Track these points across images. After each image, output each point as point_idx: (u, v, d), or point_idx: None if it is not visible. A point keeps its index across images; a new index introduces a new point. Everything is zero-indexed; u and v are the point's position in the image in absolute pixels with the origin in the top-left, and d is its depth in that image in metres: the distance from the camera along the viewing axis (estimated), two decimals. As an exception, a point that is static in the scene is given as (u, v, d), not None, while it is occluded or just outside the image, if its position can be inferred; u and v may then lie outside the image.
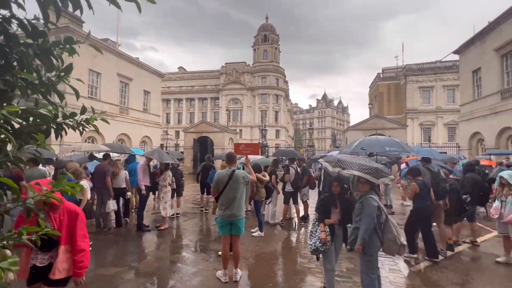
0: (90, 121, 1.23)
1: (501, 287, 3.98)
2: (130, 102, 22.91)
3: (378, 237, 3.15)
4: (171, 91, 60.91)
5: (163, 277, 4.19)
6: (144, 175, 6.71)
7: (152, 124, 25.89)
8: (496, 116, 16.43)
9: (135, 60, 23.89)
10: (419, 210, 4.85)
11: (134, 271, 4.38)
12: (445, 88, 36.53)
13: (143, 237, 6.16)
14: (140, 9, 1.11)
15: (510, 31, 15.35)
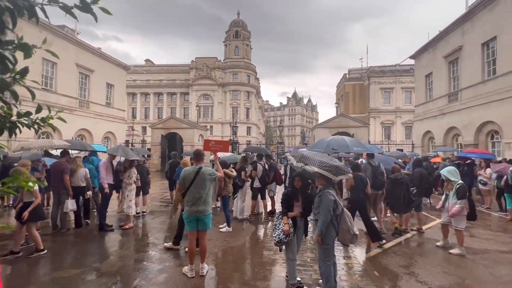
0: (46, 120, 1.22)
1: (438, 267, 4.54)
2: (91, 95, 21.43)
3: (334, 228, 3.44)
4: (137, 84, 57.96)
5: (127, 276, 4.11)
6: (107, 173, 6.42)
7: (116, 119, 24.51)
8: (444, 117, 18.26)
9: (96, 50, 22.34)
10: (352, 200, 5.60)
11: (96, 272, 4.23)
12: (404, 90, 39.55)
13: (105, 237, 5.92)
14: (97, 19, 1.13)
15: (457, 40, 17.10)
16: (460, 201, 4.97)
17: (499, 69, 13.90)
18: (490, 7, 14.31)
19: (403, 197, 5.95)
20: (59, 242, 5.55)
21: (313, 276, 4.10)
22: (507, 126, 13.24)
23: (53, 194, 6.22)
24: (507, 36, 13.27)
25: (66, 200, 6.04)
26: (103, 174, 6.35)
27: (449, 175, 5.20)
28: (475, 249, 5.33)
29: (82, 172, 6.59)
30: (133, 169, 6.72)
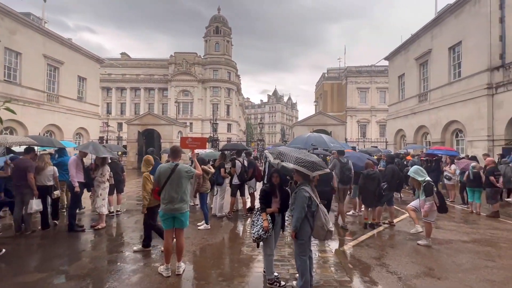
0: None
1: (407, 257, 4.80)
2: (61, 89, 20.17)
3: (309, 224, 3.49)
4: (112, 79, 55.42)
5: (98, 278, 3.94)
6: (77, 171, 6.10)
7: (89, 115, 23.31)
8: (415, 116, 19.29)
9: (66, 41, 21.02)
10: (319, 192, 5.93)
11: (64, 275, 4.01)
12: (378, 90, 41.26)
13: (76, 238, 5.63)
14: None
15: (427, 43, 18.08)
16: (428, 198, 5.28)
17: (464, 72, 14.91)
18: (456, 14, 15.26)
19: (374, 192, 6.23)
20: (23, 245, 5.20)
21: (290, 271, 4.17)
22: (469, 125, 14.26)
23: (16, 193, 5.79)
24: (471, 41, 14.24)
25: (31, 200, 5.66)
26: (73, 172, 6.02)
27: (416, 176, 5.49)
28: (440, 240, 5.71)
29: (50, 171, 6.21)
30: (105, 166, 6.43)
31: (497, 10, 13.03)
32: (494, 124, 12.92)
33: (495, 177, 7.62)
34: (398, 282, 3.94)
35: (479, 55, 13.69)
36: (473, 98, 13.84)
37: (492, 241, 5.71)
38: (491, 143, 12.98)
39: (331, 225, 3.53)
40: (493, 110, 12.99)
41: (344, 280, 3.93)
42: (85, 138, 23.00)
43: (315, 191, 3.71)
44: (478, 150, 13.38)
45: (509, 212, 8.35)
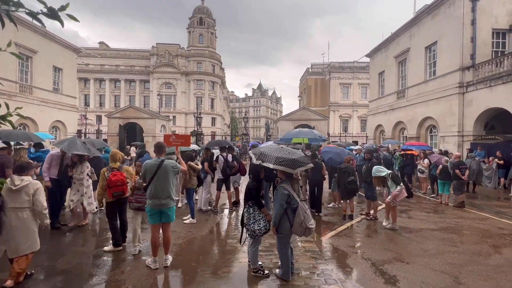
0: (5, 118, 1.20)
1: (380, 245, 5.20)
2: (34, 80, 19.16)
3: (289, 220, 3.68)
4: (90, 69, 53.02)
5: (84, 272, 3.99)
6: (52, 166, 5.91)
7: (66, 107, 22.34)
8: (393, 112, 20.14)
9: (40, 28, 19.84)
10: (311, 180, 7.34)
11: (46, 271, 4.02)
12: (360, 86, 42.37)
13: (58, 235, 5.57)
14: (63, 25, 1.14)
15: (405, 42, 18.80)
16: (400, 185, 5.78)
17: (438, 71, 15.72)
18: (433, 14, 15.97)
19: (345, 185, 6.65)
20: None
21: (274, 260, 4.42)
22: (442, 121, 15.15)
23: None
24: (445, 42, 15.01)
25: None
26: (45, 166, 5.84)
27: (379, 173, 6.03)
28: (411, 228, 6.19)
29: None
30: (84, 163, 6.23)
31: (469, 12, 13.79)
32: (464, 121, 13.82)
33: (461, 171, 8.26)
34: (372, 267, 4.29)
35: (452, 55, 14.49)
36: (446, 96, 14.68)
37: (457, 229, 6.27)
38: (461, 138, 13.90)
39: (311, 223, 3.68)
40: (464, 107, 13.87)
41: (323, 268, 4.23)
42: (62, 132, 22.08)
43: (297, 188, 3.91)
44: (449, 145, 14.31)
45: (474, 202, 9.09)
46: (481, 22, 13.76)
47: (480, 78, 13.04)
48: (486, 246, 5.22)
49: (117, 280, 3.77)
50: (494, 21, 13.94)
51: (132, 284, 3.65)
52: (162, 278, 3.88)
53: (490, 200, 9.55)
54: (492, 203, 9.05)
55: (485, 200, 9.52)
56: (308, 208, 3.88)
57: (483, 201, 9.42)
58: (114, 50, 58.09)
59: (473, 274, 4.09)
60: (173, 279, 3.89)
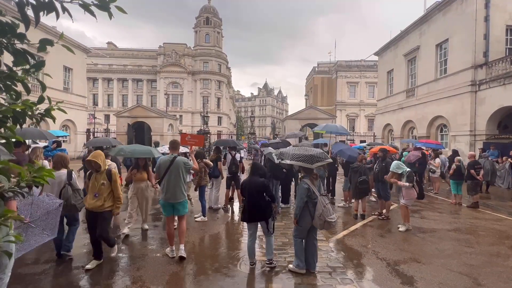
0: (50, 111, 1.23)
1: (394, 245, 5.13)
2: (46, 79, 19.38)
3: (310, 213, 3.79)
4: (98, 69, 53.70)
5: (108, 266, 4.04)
6: None
7: (76, 106, 22.68)
8: (402, 111, 19.87)
9: (51, 29, 20.21)
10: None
11: (68, 265, 4.08)
12: (367, 84, 41.95)
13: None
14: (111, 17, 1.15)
15: (415, 40, 18.51)
16: (409, 184, 5.71)
17: (449, 69, 15.43)
18: (444, 11, 15.68)
19: (356, 184, 6.57)
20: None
21: (287, 259, 4.40)
22: (453, 120, 14.87)
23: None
24: (457, 39, 14.72)
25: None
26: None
27: (397, 170, 5.89)
28: (425, 229, 6.09)
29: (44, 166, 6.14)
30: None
31: (482, 9, 13.49)
32: (476, 120, 13.54)
33: (476, 171, 8.09)
34: (387, 267, 4.24)
35: (464, 53, 14.20)
36: (458, 94, 14.41)
37: (472, 230, 6.15)
38: (473, 137, 13.63)
39: (331, 216, 3.74)
40: (476, 106, 13.59)
41: (338, 266, 4.20)
42: (72, 131, 22.45)
43: (318, 183, 3.97)
44: (461, 144, 14.04)
45: (488, 203, 8.91)
46: (495, 18, 13.44)
47: (493, 76, 12.75)
48: (504, 248, 5.10)
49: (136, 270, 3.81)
50: (508, 17, 13.60)
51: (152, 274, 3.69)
52: (177, 273, 3.91)
53: (504, 201, 9.35)
54: (507, 204, 8.86)
55: (499, 201, 9.32)
56: (329, 203, 3.87)
57: (497, 201, 9.23)
58: (122, 50, 58.75)
59: (493, 275, 4.01)
60: (187, 278, 3.90)
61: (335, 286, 3.64)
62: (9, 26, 1.06)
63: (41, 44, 1.16)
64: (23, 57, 1.11)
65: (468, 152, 11.13)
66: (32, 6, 1.06)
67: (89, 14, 1.12)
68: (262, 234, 4.38)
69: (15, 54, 1.11)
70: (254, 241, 4.12)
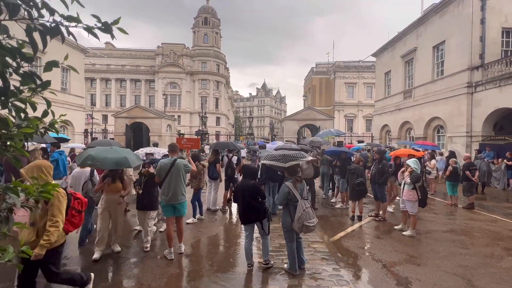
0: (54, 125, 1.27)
1: (390, 247, 5.19)
2: (43, 80, 19.42)
3: (290, 215, 3.92)
4: (96, 69, 53.59)
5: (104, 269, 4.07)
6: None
7: (74, 107, 22.61)
8: (400, 112, 19.99)
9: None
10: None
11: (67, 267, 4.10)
12: (365, 85, 42.09)
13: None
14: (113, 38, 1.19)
15: (412, 42, 18.64)
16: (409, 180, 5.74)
17: (446, 70, 15.55)
18: (441, 13, 15.80)
19: (353, 186, 6.62)
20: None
21: (284, 260, 4.44)
22: (450, 121, 14.99)
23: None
24: (454, 41, 14.84)
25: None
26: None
27: (415, 165, 5.84)
28: (421, 230, 6.15)
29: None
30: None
31: (478, 11, 13.61)
32: (473, 121, 13.66)
33: (471, 172, 8.18)
34: (383, 268, 4.30)
35: (460, 55, 14.32)
36: (454, 96, 14.52)
37: (467, 231, 6.22)
38: (469, 139, 13.75)
39: (310, 221, 3.79)
40: (472, 107, 13.71)
41: (334, 268, 4.25)
42: (70, 131, 22.38)
43: (301, 186, 4.03)
44: (457, 145, 14.16)
45: (483, 204, 9.00)
46: (491, 21, 13.57)
47: (489, 78, 12.87)
48: (498, 249, 5.18)
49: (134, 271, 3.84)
50: (504, 19, 13.74)
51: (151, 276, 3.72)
52: (175, 275, 3.94)
53: (499, 202, 9.45)
54: (502, 205, 8.96)
55: (495, 202, 9.42)
56: (311, 206, 3.94)
57: (492, 202, 9.33)
58: (120, 50, 58.59)
59: (486, 276, 4.07)
60: (185, 280, 3.94)
61: (331, 287, 3.69)
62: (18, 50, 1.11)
63: (47, 66, 1.20)
64: (30, 78, 1.16)
65: (464, 153, 11.23)
66: (40, 32, 1.11)
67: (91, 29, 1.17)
68: (258, 235, 4.45)
69: (23, 76, 1.16)
70: (251, 242, 4.18)
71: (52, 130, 1.31)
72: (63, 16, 1.12)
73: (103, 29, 1.14)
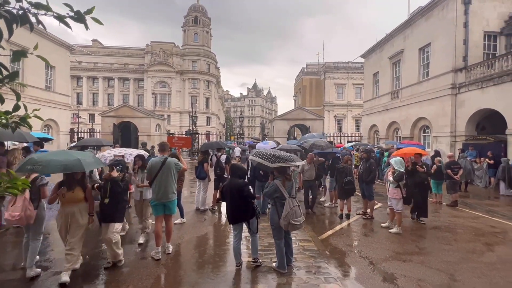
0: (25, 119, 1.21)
1: (377, 244, 5.29)
2: (27, 78, 18.81)
3: (277, 213, 3.95)
4: (82, 67, 52.23)
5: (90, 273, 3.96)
6: None
7: (59, 105, 22.00)
8: (387, 112, 20.40)
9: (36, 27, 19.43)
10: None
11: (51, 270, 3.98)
12: (354, 86, 42.75)
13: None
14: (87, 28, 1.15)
15: (399, 43, 19.05)
16: (392, 179, 5.89)
17: (431, 72, 15.99)
18: (427, 17, 16.23)
19: (342, 185, 6.72)
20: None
21: (273, 259, 4.45)
22: (435, 122, 15.42)
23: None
24: (439, 43, 15.27)
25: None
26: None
27: (395, 165, 6.00)
28: (406, 227, 6.29)
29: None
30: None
31: (462, 15, 14.06)
32: (456, 121, 14.10)
33: (453, 170, 8.41)
34: (369, 265, 4.37)
35: (445, 57, 14.75)
36: (439, 97, 14.95)
37: (450, 227, 6.41)
38: (453, 138, 14.18)
39: (296, 219, 3.83)
40: (456, 108, 14.15)
41: (322, 266, 4.29)
42: (55, 131, 21.74)
43: (290, 185, 4.08)
44: (442, 145, 14.58)
45: (466, 201, 9.30)
46: (473, 25, 14.04)
47: (472, 79, 13.31)
48: (479, 244, 5.35)
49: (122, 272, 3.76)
50: (486, 24, 14.24)
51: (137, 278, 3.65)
52: (162, 276, 3.88)
53: (481, 199, 9.78)
54: (484, 202, 9.28)
55: (477, 199, 9.74)
56: (298, 205, 3.95)
57: (475, 200, 9.64)
58: (108, 48, 57.34)
59: (468, 271, 4.20)
60: (175, 279, 3.89)
61: (319, 285, 3.72)
62: None
63: (15, 55, 1.15)
64: None
65: (448, 152, 11.56)
66: (5, 19, 1.05)
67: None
68: (247, 234, 4.44)
69: None
70: (240, 241, 4.17)
71: (24, 125, 1.25)
72: (30, 3, 1.06)
73: (76, 19, 1.10)
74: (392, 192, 6.00)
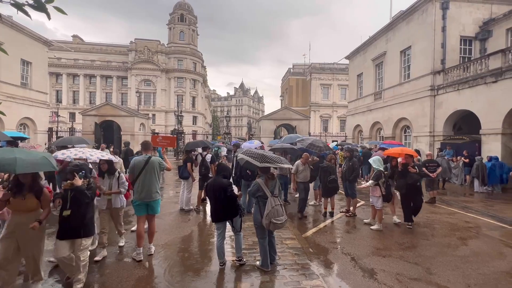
0: None
1: (359, 240, 5.42)
2: (0, 74, 17.82)
3: (260, 212, 3.97)
4: (62, 63, 50.23)
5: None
6: None
7: (36, 103, 21.01)
8: (371, 113, 20.93)
9: (7, 19, 18.51)
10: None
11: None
12: (340, 87, 43.56)
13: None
14: (50, 17, 1.09)
15: (382, 46, 19.59)
16: (371, 180, 6.07)
17: (412, 74, 16.55)
18: (408, 20, 16.77)
19: (326, 183, 6.84)
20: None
21: (257, 257, 4.46)
22: (415, 122, 15.98)
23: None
24: (419, 47, 15.83)
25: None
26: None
27: (373, 164, 6.20)
28: (387, 224, 6.48)
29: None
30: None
31: (440, 20, 14.64)
32: (435, 122, 14.67)
33: (428, 168, 8.70)
34: (351, 261, 4.47)
35: (424, 60, 15.31)
36: (419, 98, 15.51)
37: (428, 223, 6.67)
38: (432, 138, 14.75)
39: (278, 218, 3.85)
40: (435, 109, 14.72)
41: (305, 263, 4.34)
42: (31, 130, 20.76)
43: (273, 184, 4.09)
44: (422, 144, 15.12)
45: (443, 198, 9.70)
46: (451, 29, 14.66)
47: (449, 82, 13.90)
48: (454, 239, 5.60)
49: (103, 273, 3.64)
50: (462, 28, 14.91)
51: (117, 280, 3.55)
52: (145, 277, 3.80)
53: (457, 196, 10.24)
54: (459, 199, 9.71)
55: (453, 196, 10.18)
56: (280, 204, 3.97)
57: (451, 197, 10.08)
58: (89, 44, 55.45)
59: (443, 264, 4.39)
60: (157, 280, 3.81)
61: (301, 282, 3.76)
62: None
63: None
64: None
65: (427, 151, 12.01)
66: None
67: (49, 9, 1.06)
68: (232, 234, 4.42)
69: None
70: (223, 240, 4.15)
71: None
72: None
73: (36, 7, 1.04)
74: (372, 190, 6.20)
